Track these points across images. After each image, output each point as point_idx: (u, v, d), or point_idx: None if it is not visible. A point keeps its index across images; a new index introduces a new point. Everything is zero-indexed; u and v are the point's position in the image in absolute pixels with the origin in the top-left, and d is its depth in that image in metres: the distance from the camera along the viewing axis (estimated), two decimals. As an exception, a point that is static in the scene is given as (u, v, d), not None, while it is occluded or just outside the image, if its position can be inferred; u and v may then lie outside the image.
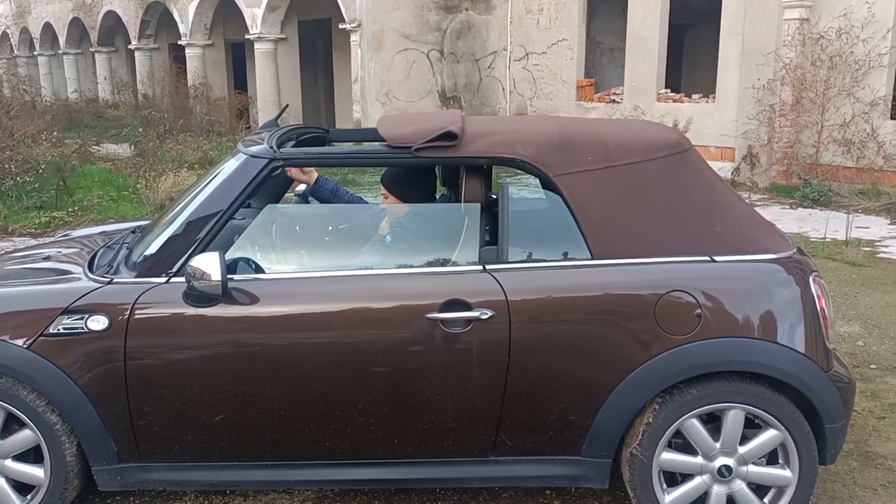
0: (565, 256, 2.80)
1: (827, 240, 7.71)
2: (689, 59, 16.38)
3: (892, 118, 9.96)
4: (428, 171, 3.32)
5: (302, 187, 3.70)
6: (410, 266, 2.90)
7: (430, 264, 2.88)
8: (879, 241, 7.89)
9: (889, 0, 9.69)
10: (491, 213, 2.99)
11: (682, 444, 2.77)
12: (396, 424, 2.76)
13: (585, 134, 2.89)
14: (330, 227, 3.42)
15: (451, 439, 2.79)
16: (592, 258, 2.72)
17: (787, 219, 8.91)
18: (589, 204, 2.74)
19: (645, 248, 2.73)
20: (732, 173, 11.14)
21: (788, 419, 2.69)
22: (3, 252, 4.97)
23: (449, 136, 2.77)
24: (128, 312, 2.70)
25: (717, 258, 2.74)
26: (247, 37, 17.40)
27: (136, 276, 2.78)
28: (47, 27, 24.98)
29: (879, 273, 6.64)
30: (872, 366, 4.53)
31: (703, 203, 2.80)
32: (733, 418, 2.70)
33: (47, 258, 3.39)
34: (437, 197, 3.31)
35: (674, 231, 2.76)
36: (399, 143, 2.81)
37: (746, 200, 10.17)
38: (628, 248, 2.73)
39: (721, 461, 2.73)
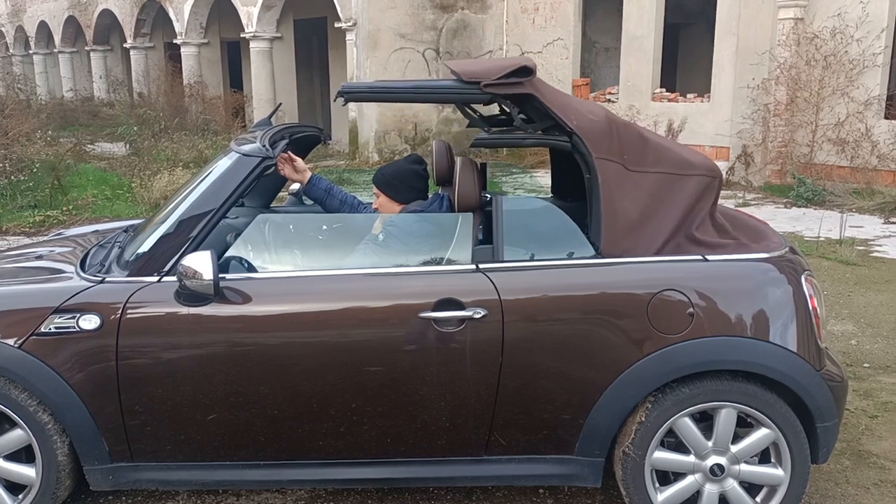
0: (558, 256, 2.80)
1: (821, 239, 7.72)
2: (684, 59, 16.37)
3: (886, 118, 9.97)
4: (421, 171, 3.32)
5: (296, 186, 3.69)
6: (403, 265, 2.90)
7: (423, 263, 2.88)
8: (873, 240, 7.91)
9: (883, 0, 9.71)
10: (484, 213, 2.99)
11: (674, 442, 2.77)
12: (389, 424, 2.76)
13: (629, 129, 2.89)
14: (324, 227, 3.42)
15: (445, 438, 2.78)
16: (599, 251, 2.73)
17: (781, 218, 8.93)
18: (617, 197, 2.73)
19: (650, 252, 2.74)
20: (727, 173, 11.15)
21: (780, 418, 2.69)
22: (-4, 251, 4.95)
23: (524, 72, 2.74)
24: (119, 311, 2.69)
25: (709, 257, 2.75)
26: (242, 35, 17.35)
27: (128, 276, 2.78)
28: (42, 25, 24.89)
29: (873, 272, 6.66)
30: (865, 364, 4.54)
31: (718, 226, 2.85)
32: (725, 417, 2.70)
33: (39, 257, 3.38)
34: (430, 196, 3.30)
35: (680, 240, 2.78)
36: (472, 77, 2.77)
37: (740, 200, 10.06)
38: (636, 249, 2.73)
39: (713, 460, 2.73)
